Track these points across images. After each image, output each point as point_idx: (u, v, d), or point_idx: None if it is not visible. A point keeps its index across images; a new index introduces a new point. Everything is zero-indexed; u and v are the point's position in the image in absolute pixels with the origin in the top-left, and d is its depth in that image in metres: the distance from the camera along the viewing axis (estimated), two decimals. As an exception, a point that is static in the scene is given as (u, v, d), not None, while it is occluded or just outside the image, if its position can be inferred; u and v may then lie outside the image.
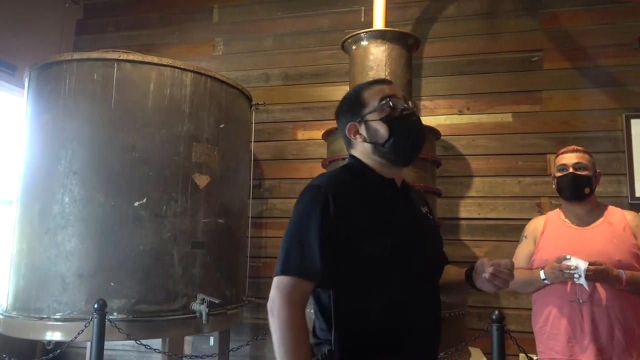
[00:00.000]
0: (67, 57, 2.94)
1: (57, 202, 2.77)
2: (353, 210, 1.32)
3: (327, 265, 1.28)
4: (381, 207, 1.39)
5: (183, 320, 2.82)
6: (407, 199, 1.48)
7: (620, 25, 3.47)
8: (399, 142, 1.39)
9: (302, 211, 1.35)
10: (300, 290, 1.29)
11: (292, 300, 1.27)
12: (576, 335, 2.00)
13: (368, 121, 1.42)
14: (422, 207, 1.51)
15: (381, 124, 1.40)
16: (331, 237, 1.29)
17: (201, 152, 3.03)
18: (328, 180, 1.39)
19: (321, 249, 1.28)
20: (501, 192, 3.52)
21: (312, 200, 1.33)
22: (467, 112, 3.65)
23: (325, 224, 1.29)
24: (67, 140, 2.83)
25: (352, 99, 1.49)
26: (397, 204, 1.43)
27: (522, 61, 3.62)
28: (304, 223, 1.32)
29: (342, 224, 1.30)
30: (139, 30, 4.45)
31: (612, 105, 3.43)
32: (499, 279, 1.29)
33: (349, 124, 1.46)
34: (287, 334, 1.25)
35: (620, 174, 3.34)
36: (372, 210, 1.36)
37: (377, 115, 1.41)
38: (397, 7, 3.79)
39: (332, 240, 1.29)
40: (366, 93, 1.45)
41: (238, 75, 3.95)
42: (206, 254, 2.99)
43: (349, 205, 1.32)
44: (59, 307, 2.68)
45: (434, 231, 1.54)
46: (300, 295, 1.29)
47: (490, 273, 1.29)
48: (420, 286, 1.38)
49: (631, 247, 2.05)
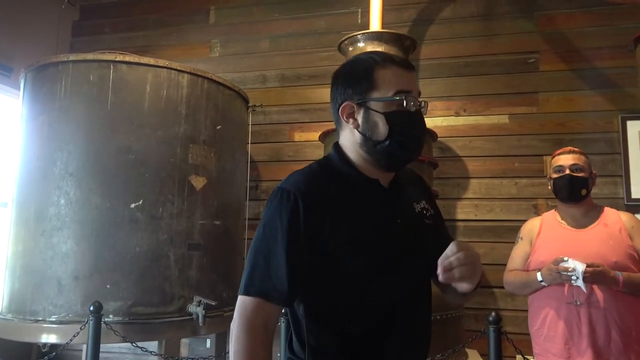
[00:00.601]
0: (63, 59, 2.93)
1: (52, 204, 2.76)
2: (327, 219, 1.13)
3: (295, 285, 1.13)
4: (361, 214, 1.18)
5: (179, 323, 2.81)
6: (395, 200, 1.25)
7: (615, 27, 3.48)
8: (394, 147, 1.17)
9: (268, 220, 1.17)
10: (264, 312, 1.12)
11: (252, 325, 1.11)
12: (573, 337, 2.00)
13: (370, 108, 1.18)
14: (417, 203, 1.29)
15: (383, 120, 1.16)
16: (301, 251, 1.12)
17: (198, 153, 3.02)
18: (299, 183, 1.17)
19: (288, 264, 1.11)
20: (498, 193, 3.52)
21: (279, 208, 1.15)
22: (463, 113, 3.66)
23: (294, 236, 1.12)
24: (63, 142, 2.82)
25: (360, 72, 1.21)
26: (381, 209, 1.21)
27: (518, 63, 3.63)
28: (270, 235, 1.15)
29: (313, 235, 1.12)
30: (136, 31, 4.45)
31: (608, 107, 3.44)
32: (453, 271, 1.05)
33: (345, 102, 1.21)
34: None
35: (616, 176, 3.35)
36: (350, 219, 1.16)
37: (382, 107, 1.17)
38: (394, 9, 3.79)
39: (302, 255, 1.13)
40: (380, 73, 1.19)
41: (235, 77, 3.95)
42: (203, 255, 2.98)
43: (322, 213, 1.13)
44: (54, 310, 2.67)
45: (431, 229, 1.28)
46: (262, 319, 1.12)
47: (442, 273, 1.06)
48: (406, 298, 1.20)
49: (627, 248, 2.05)
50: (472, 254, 1.07)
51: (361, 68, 1.22)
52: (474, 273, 1.07)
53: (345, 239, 1.14)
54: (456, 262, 1.04)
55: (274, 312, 1.15)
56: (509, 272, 2.28)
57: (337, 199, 1.17)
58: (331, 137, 3.25)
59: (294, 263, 1.12)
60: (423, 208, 1.29)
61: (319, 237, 1.13)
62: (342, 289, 1.17)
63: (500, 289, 3.27)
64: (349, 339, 1.16)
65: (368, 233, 1.16)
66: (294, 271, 1.12)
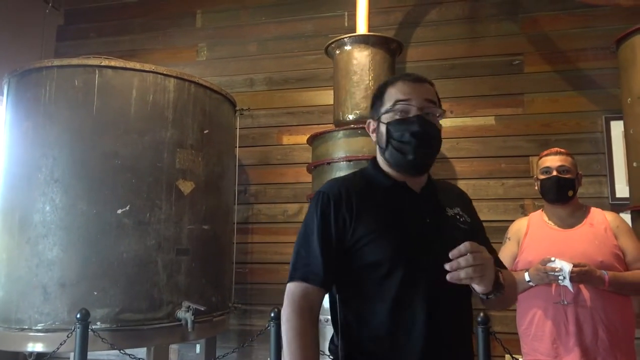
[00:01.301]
0: (48, 64, 2.90)
1: (37, 211, 2.73)
2: (355, 216, 1.30)
3: (329, 268, 1.29)
4: (386, 212, 1.32)
5: (168, 329, 2.79)
6: (426, 202, 1.35)
7: (598, 29, 3.53)
8: (393, 153, 1.33)
9: (307, 218, 1.37)
10: (307, 295, 1.29)
11: (298, 306, 1.28)
12: (561, 336, 2.02)
13: (380, 122, 1.37)
14: (451, 207, 1.38)
15: (385, 129, 1.34)
16: (332, 242, 1.30)
17: (185, 158, 3.00)
18: (333, 186, 1.37)
19: (322, 252, 1.29)
20: (485, 194, 3.55)
21: (316, 207, 1.35)
22: (450, 115, 3.68)
23: (327, 229, 1.31)
24: (48, 147, 2.79)
25: (378, 92, 1.42)
26: (407, 207, 1.33)
27: (503, 64, 3.67)
28: (308, 230, 1.35)
29: (343, 229, 1.30)
30: (121, 36, 4.41)
31: (592, 108, 3.48)
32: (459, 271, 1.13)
33: (368, 120, 1.44)
34: (292, 341, 1.25)
35: (601, 175, 3.40)
36: (376, 216, 1.31)
37: (386, 118, 1.35)
38: (380, 12, 3.81)
39: (334, 245, 1.30)
40: (389, 90, 1.37)
41: (222, 81, 3.93)
42: (191, 260, 2.96)
43: (349, 210, 1.31)
44: (40, 318, 2.63)
45: (466, 233, 1.33)
46: (306, 301, 1.29)
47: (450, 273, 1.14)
48: (432, 293, 1.25)
49: (612, 247, 2.07)
50: (482, 257, 1.14)
51: (378, 90, 1.42)
52: (482, 275, 1.14)
53: (366, 232, 1.28)
54: (463, 263, 1.12)
55: (316, 295, 1.30)
56: (497, 273, 2.29)
57: (364, 199, 1.33)
58: (319, 140, 3.25)
59: (327, 250, 1.30)
60: (456, 213, 1.39)
61: (346, 230, 1.30)
62: (362, 278, 1.29)
63: (488, 289, 3.29)
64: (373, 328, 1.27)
65: (390, 228, 1.29)
66: (327, 257, 1.29)
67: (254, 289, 3.81)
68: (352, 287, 1.31)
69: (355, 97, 3.15)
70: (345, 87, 3.20)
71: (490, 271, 1.16)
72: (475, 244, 1.15)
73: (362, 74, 3.15)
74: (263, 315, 3.66)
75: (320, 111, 3.90)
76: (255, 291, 3.80)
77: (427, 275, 1.26)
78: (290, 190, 3.88)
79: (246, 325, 3.75)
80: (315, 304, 1.31)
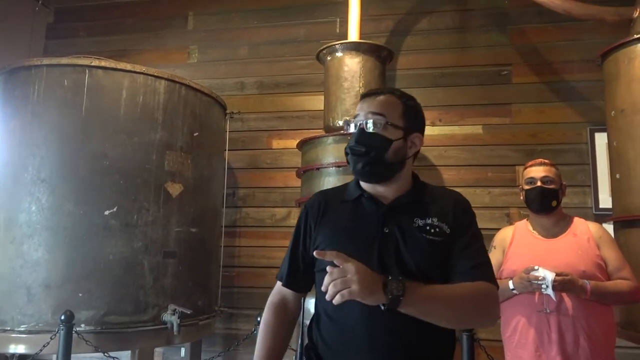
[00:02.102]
0: (37, 62, 2.88)
1: (23, 211, 2.70)
2: (319, 224, 1.43)
3: (293, 271, 1.47)
4: (345, 221, 1.40)
5: (153, 332, 2.78)
6: (391, 214, 1.36)
7: (584, 41, 3.60)
8: (349, 164, 1.42)
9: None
10: (279, 292, 1.50)
11: (269, 301, 1.50)
12: (544, 344, 2.05)
13: None
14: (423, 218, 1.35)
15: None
16: (299, 248, 1.46)
17: (174, 160, 3.00)
18: (315, 196, 1.52)
19: (290, 257, 1.48)
20: (472, 202, 3.53)
21: (299, 216, 1.52)
22: (439, 123, 3.72)
23: (297, 236, 1.48)
24: (35, 147, 2.76)
25: None
26: (367, 217, 1.37)
27: (492, 74, 3.72)
28: (292, 236, 1.51)
29: (309, 236, 1.45)
30: (112, 35, 4.39)
31: (577, 119, 3.55)
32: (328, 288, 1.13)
33: None
34: (259, 331, 1.47)
35: (585, 186, 3.46)
36: (334, 225, 1.41)
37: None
38: (372, 20, 3.84)
39: (300, 251, 1.46)
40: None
41: (213, 83, 3.93)
42: (178, 263, 2.95)
43: (316, 220, 1.44)
44: (23, 319, 2.60)
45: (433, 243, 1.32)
46: (277, 297, 1.50)
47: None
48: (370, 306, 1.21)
49: (595, 258, 2.11)
50: (342, 269, 1.13)
51: None
52: (348, 287, 1.10)
53: (322, 239, 1.40)
54: (327, 280, 1.14)
55: (289, 295, 1.49)
56: (482, 280, 2.32)
57: (332, 210, 1.45)
58: (309, 145, 3.26)
59: (294, 255, 1.47)
60: (428, 224, 1.35)
61: (311, 237, 1.44)
62: (318, 282, 1.35)
63: (473, 296, 3.32)
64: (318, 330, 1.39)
65: (344, 236, 1.37)
66: (293, 260, 1.47)
67: (241, 293, 3.80)
68: (316, 290, 1.42)
69: (346, 104, 3.17)
70: (335, 93, 3.22)
71: (363, 284, 1.11)
72: (341, 255, 1.15)
73: (353, 80, 3.18)
74: (249, 319, 3.66)
75: (310, 116, 3.92)
76: (242, 295, 3.79)
77: None
78: (278, 195, 3.89)
79: (232, 329, 3.74)
80: (288, 301, 1.49)
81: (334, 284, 1.12)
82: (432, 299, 1.21)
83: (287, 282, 1.48)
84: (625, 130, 2.75)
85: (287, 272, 1.47)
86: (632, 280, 2.10)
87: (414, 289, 1.17)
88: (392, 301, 1.13)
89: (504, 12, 3.78)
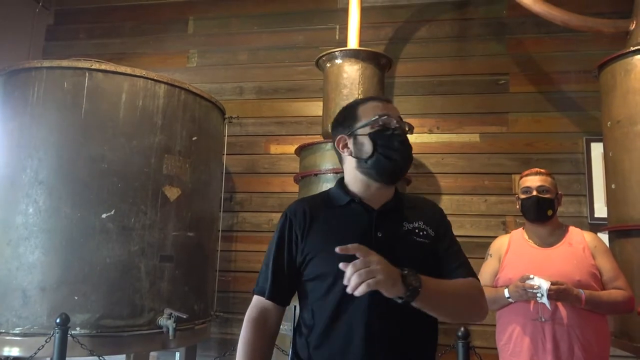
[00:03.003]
0: (37, 64, 2.88)
1: (20, 213, 2.69)
2: (306, 232, 1.39)
3: (277, 284, 1.41)
4: (335, 227, 1.38)
5: (149, 336, 2.77)
6: (382, 219, 1.38)
7: (581, 53, 3.64)
8: (380, 159, 1.37)
9: (273, 236, 1.47)
10: (257, 306, 1.43)
11: (249, 317, 1.43)
12: (538, 352, 2.06)
13: (357, 135, 1.42)
14: (410, 222, 1.40)
15: (368, 139, 1.39)
16: (284, 259, 1.41)
17: (172, 164, 3.00)
18: (294, 205, 1.48)
19: (273, 269, 1.41)
20: (468, 210, 3.61)
21: (278, 225, 1.46)
22: (437, 131, 3.74)
23: (281, 247, 1.42)
24: (33, 149, 2.76)
25: (347, 112, 1.49)
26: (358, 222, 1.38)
27: (489, 83, 3.75)
28: (270, 247, 1.46)
29: (295, 246, 1.40)
30: (112, 38, 4.40)
31: (574, 129, 3.58)
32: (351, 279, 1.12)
33: (339, 136, 1.47)
34: (239, 349, 1.40)
35: (581, 195, 3.48)
36: (324, 232, 1.39)
37: (366, 130, 1.40)
38: (371, 27, 3.87)
39: (286, 262, 1.41)
40: (361, 108, 1.46)
41: (212, 88, 3.95)
42: (175, 267, 2.95)
43: (302, 229, 1.40)
44: (18, 322, 2.59)
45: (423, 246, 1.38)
46: (260, 313, 1.42)
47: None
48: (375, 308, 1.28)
49: (590, 267, 2.13)
50: (367, 260, 1.13)
51: (347, 108, 1.50)
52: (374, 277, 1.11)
53: (312, 247, 1.37)
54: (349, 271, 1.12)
55: (271, 308, 1.42)
56: (478, 288, 2.33)
57: (317, 216, 1.42)
58: (307, 150, 3.27)
59: (278, 267, 1.41)
60: (416, 227, 1.41)
61: (297, 247, 1.40)
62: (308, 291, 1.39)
63: (469, 303, 3.33)
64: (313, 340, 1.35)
65: (336, 241, 1.24)
66: (277, 273, 1.41)
67: (237, 298, 3.80)
68: (303, 300, 1.42)
69: (344, 110, 3.18)
70: (334, 100, 3.24)
71: (387, 274, 1.13)
72: (363, 247, 1.16)
73: (352, 87, 3.19)
74: (244, 324, 3.65)
75: (309, 122, 3.94)
76: (238, 300, 3.79)
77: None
78: (276, 200, 3.90)
79: (227, 334, 3.73)
80: (270, 316, 1.42)
81: (358, 274, 1.11)
82: (442, 293, 1.28)
83: (270, 294, 1.41)
84: (621, 141, 2.78)
85: (270, 284, 1.41)
86: (626, 290, 2.12)
87: (427, 282, 1.21)
88: (412, 292, 1.17)
89: (502, 22, 3.82)
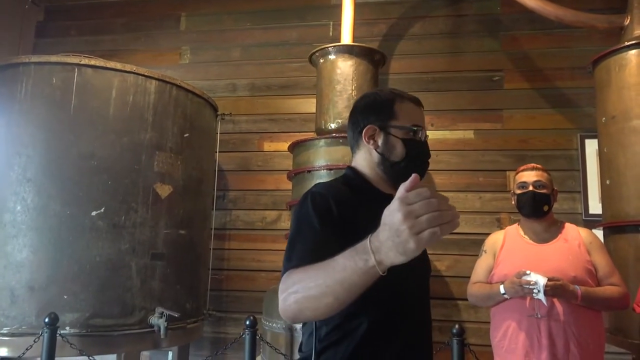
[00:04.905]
0: (25, 60, 2.83)
1: (8, 211, 2.65)
2: (348, 220, 1.22)
3: (320, 247, 1.13)
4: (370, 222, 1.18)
5: (140, 335, 2.73)
6: None
7: (575, 49, 3.63)
8: (408, 169, 1.32)
9: (304, 215, 1.24)
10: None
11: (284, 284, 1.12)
12: (534, 349, 2.04)
13: (390, 133, 1.37)
14: None
15: (401, 145, 1.36)
16: (329, 229, 1.20)
17: (164, 161, 2.96)
18: (328, 189, 1.31)
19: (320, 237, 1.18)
20: (462, 207, 3.59)
21: (313, 203, 1.24)
22: (431, 128, 3.72)
23: (329, 218, 1.21)
24: (21, 145, 2.72)
25: (382, 103, 1.41)
26: None
27: (483, 80, 3.73)
28: (305, 225, 1.22)
29: (340, 228, 1.20)
30: (103, 35, 4.35)
31: (568, 126, 3.57)
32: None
33: (368, 125, 1.38)
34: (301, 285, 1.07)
35: (575, 192, 3.47)
36: (365, 224, 1.15)
37: (401, 134, 1.37)
38: (365, 23, 3.85)
39: (330, 232, 1.19)
40: (398, 106, 1.40)
41: (204, 85, 3.91)
42: (166, 266, 2.91)
43: (346, 215, 1.23)
44: (6, 322, 2.55)
45: None
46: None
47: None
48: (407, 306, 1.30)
49: (585, 263, 2.12)
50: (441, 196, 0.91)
51: (384, 99, 1.42)
52: (452, 220, 0.88)
53: (357, 238, 1.10)
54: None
55: None
56: (472, 285, 2.32)
57: (356, 206, 1.28)
58: (300, 147, 3.25)
59: (325, 233, 1.18)
60: None
61: (342, 231, 1.18)
62: None
63: (463, 301, 3.32)
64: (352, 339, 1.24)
65: None
66: (324, 238, 1.17)
67: (230, 296, 3.76)
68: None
69: (338, 107, 3.16)
70: (328, 96, 3.21)
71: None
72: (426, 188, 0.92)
73: (346, 83, 3.17)
74: (238, 323, 3.62)
75: (302, 119, 3.91)
76: (231, 298, 3.75)
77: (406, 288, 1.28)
78: (269, 197, 3.86)
79: (220, 333, 3.70)
80: None
81: (440, 215, 0.87)
82: None
83: (314, 257, 1.08)
84: (615, 137, 2.77)
85: (312, 249, 1.15)
86: (621, 287, 2.11)
87: None
88: None
89: (497, 19, 3.80)
